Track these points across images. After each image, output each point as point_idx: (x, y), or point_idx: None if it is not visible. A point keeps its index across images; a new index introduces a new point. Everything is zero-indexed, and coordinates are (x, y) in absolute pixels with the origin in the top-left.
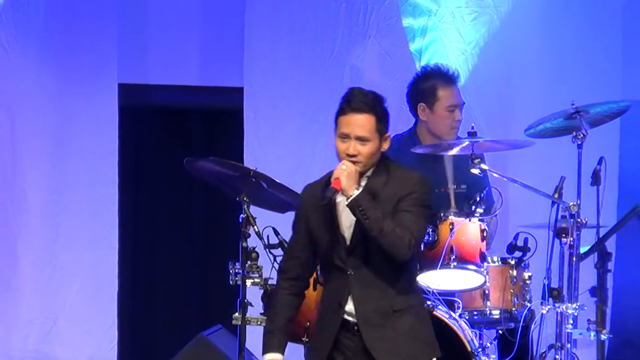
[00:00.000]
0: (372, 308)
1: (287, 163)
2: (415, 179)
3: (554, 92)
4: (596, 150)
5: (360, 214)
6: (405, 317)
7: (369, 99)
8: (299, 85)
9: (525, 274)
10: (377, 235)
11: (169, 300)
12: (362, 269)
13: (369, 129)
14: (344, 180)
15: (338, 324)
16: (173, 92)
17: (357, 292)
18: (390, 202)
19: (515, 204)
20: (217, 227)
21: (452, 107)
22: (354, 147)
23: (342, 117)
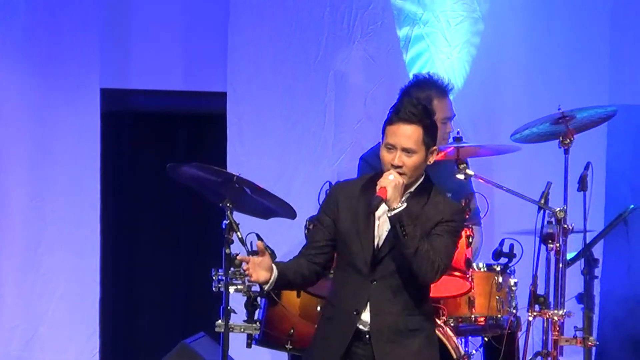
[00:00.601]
0: (388, 323)
1: (270, 169)
2: (456, 208)
3: (540, 97)
4: (583, 155)
5: (400, 229)
6: (417, 338)
7: (418, 110)
8: (283, 90)
9: (511, 280)
10: (411, 254)
11: (152, 307)
12: (387, 280)
13: (416, 141)
14: (391, 191)
15: (352, 331)
16: (156, 97)
17: (376, 303)
18: (427, 225)
19: (501, 210)
20: (200, 234)
21: (445, 120)
22: (400, 158)
23: (389, 126)
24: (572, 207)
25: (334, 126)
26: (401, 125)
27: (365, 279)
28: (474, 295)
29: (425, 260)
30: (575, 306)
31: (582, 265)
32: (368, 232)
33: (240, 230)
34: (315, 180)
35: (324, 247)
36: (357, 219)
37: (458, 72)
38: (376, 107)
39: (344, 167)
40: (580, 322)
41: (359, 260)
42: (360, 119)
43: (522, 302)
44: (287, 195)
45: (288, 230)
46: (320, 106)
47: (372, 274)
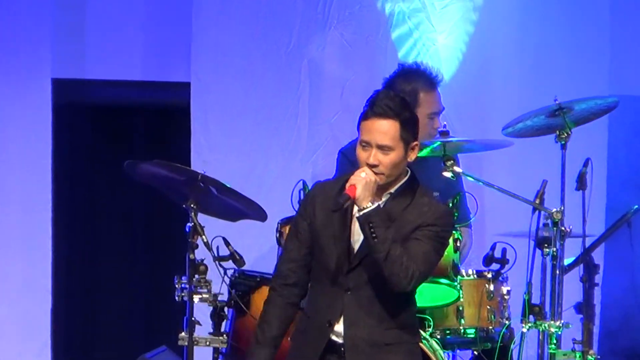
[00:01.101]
0: (363, 335)
1: (239, 166)
2: (441, 211)
3: (535, 87)
4: (582, 151)
5: (369, 230)
6: (396, 354)
7: (394, 103)
8: (252, 80)
9: (504, 288)
10: (381, 258)
11: (108, 318)
12: (362, 290)
13: (392, 137)
14: (360, 189)
15: (324, 343)
16: (113, 88)
17: (351, 314)
18: (406, 228)
19: (492, 211)
20: (162, 237)
21: (432, 115)
22: (375, 156)
23: (364, 122)
24: (570, 207)
25: (309, 119)
26: (375, 120)
27: (339, 288)
28: (462, 304)
29: (398, 266)
30: (573, 316)
31: (581, 272)
32: (343, 237)
33: (205, 234)
34: (288, 179)
35: (303, 258)
36: (333, 222)
37: (445, 60)
38: (354, 98)
39: (320, 164)
40: (579, 334)
41: (335, 268)
42: (337, 111)
43: (516, 312)
44: (257, 195)
45: (258, 233)
46: (293, 97)
47: (346, 282)
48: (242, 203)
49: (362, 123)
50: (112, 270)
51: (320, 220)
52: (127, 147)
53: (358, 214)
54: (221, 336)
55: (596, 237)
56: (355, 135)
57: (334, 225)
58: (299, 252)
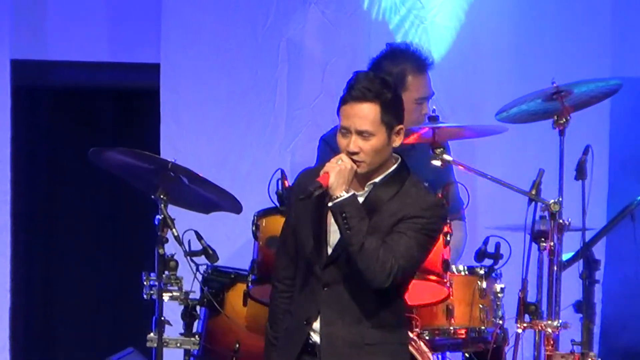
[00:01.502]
0: (341, 334)
1: (212, 154)
2: (429, 202)
3: (532, 69)
4: (581, 137)
5: (342, 221)
6: (378, 355)
7: (373, 85)
8: (226, 61)
9: (497, 285)
10: (355, 252)
11: (72, 318)
12: (340, 285)
13: (372, 121)
14: (333, 177)
15: (301, 343)
16: (76, 70)
17: (328, 312)
18: (390, 220)
19: (485, 203)
20: (129, 231)
21: (421, 100)
22: (355, 142)
23: (342, 107)
24: (568, 198)
25: (287, 103)
26: (354, 104)
27: (317, 284)
28: (452, 303)
29: (374, 260)
30: (572, 316)
31: (580, 268)
32: (321, 229)
33: (176, 227)
34: (265, 168)
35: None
36: (311, 214)
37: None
38: (336, 80)
39: (299, 151)
40: (579, 335)
41: (312, 262)
42: (318, 95)
43: (510, 312)
44: (232, 186)
45: (233, 226)
46: (271, 80)
47: (324, 277)
48: (216, 194)
49: (341, 108)
50: (75, 266)
51: (299, 211)
52: (92, 133)
53: (330, 203)
54: (193, 337)
55: (597, 230)
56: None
57: (312, 216)
58: (289, 244)
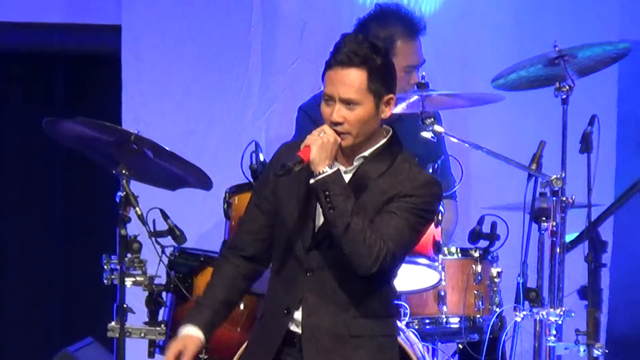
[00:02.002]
0: (325, 325)
1: (178, 124)
2: (423, 180)
3: (532, 31)
4: (586, 106)
5: (325, 200)
6: (365, 348)
7: (361, 49)
8: (194, 22)
9: (494, 269)
10: (339, 234)
11: (21, 307)
12: (324, 271)
13: (358, 88)
14: (315, 151)
15: (282, 334)
16: (28, 32)
17: (311, 300)
18: (380, 199)
19: (480, 178)
20: (87, 209)
21: (410, 68)
22: (339, 112)
23: (327, 72)
24: (572, 173)
25: (261, 68)
26: (339, 69)
27: (300, 270)
28: (444, 289)
29: (360, 242)
30: (576, 303)
31: (585, 250)
32: (308, 208)
33: (139, 205)
34: (237, 140)
35: (261, 231)
36: (297, 192)
37: None
38: (316, 43)
39: (275, 121)
40: (583, 324)
41: (295, 244)
42: (295, 59)
43: (508, 298)
44: (200, 159)
45: (202, 204)
46: (243, 43)
47: (307, 262)
48: (183, 168)
49: (325, 73)
50: (26, 248)
51: (283, 188)
52: (45, 102)
53: (311, 180)
54: (158, 326)
55: (604, 208)
56: (315, 86)
57: (298, 194)
58: (258, 223)
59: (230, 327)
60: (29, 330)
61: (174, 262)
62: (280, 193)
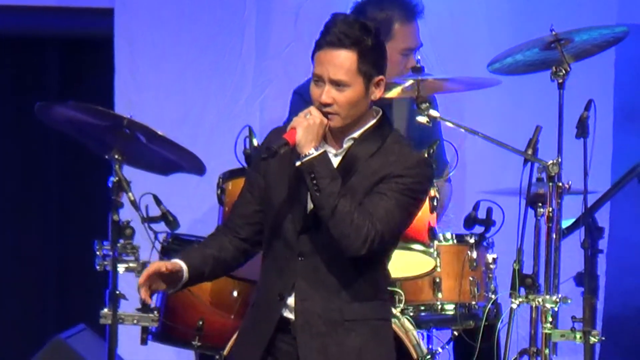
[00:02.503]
0: (318, 310)
1: (171, 109)
2: (413, 160)
3: (528, 14)
4: (583, 91)
5: (311, 182)
6: (358, 332)
7: (352, 30)
8: (187, 5)
9: (489, 256)
10: (327, 216)
11: (13, 293)
12: (317, 256)
13: (347, 69)
14: (301, 133)
15: (275, 320)
16: (19, 15)
17: (303, 285)
18: (370, 180)
19: (475, 163)
20: (79, 195)
21: (407, 51)
22: (328, 93)
23: (317, 53)
24: (568, 159)
25: (255, 51)
26: (329, 50)
27: (291, 254)
28: (440, 275)
29: (348, 224)
30: (573, 290)
31: (581, 236)
32: (299, 192)
33: (132, 191)
34: (231, 124)
35: (253, 215)
36: (288, 175)
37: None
38: (310, 26)
39: (269, 106)
40: (580, 311)
41: (287, 229)
42: (289, 42)
43: (504, 285)
44: (194, 144)
45: (195, 190)
46: (237, 26)
47: (299, 246)
48: (176, 153)
49: (315, 54)
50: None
51: (273, 172)
52: (37, 86)
53: (297, 162)
54: (151, 313)
55: (600, 194)
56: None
57: (288, 178)
58: (250, 208)
59: (224, 314)
60: (21, 317)
61: (167, 248)
62: (270, 177)
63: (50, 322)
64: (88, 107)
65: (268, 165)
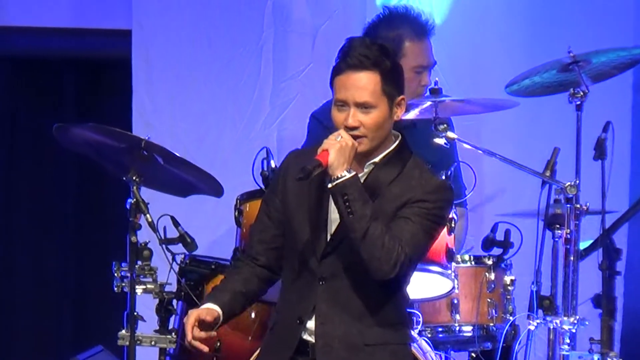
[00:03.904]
0: (338, 334)
1: (189, 131)
2: (435, 185)
3: (545, 37)
4: (601, 113)
5: (344, 204)
6: (378, 357)
7: (371, 52)
8: (205, 27)
9: (507, 277)
10: (358, 239)
11: (32, 313)
12: (337, 280)
13: (372, 91)
14: (333, 155)
15: (294, 344)
16: (37, 36)
17: (324, 309)
18: (392, 205)
19: (493, 185)
20: (97, 216)
21: (420, 69)
22: (354, 116)
23: (337, 77)
24: (586, 180)
25: (273, 74)
26: (351, 74)
27: (312, 278)
28: (457, 297)
29: (379, 247)
30: (591, 311)
31: (599, 258)
32: (320, 215)
33: (150, 212)
34: (249, 145)
35: (273, 240)
36: (308, 198)
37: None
38: (328, 48)
39: (287, 128)
40: (598, 332)
41: (308, 252)
42: (307, 64)
43: (521, 306)
44: (211, 166)
45: (212, 211)
46: (255, 48)
47: (320, 270)
48: (194, 175)
49: (335, 79)
50: (36, 255)
51: (292, 195)
52: (55, 107)
53: (330, 185)
54: (169, 334)
55: (618, 215)
56: (327, 93)
57: (309, 201)
58: (269, 233)
59: (242, 336)
60: (39, 338)
61: (184, 270)
62: (290, 201)
63: (68, 343)
64: (106, 128)
65: (286, 188)
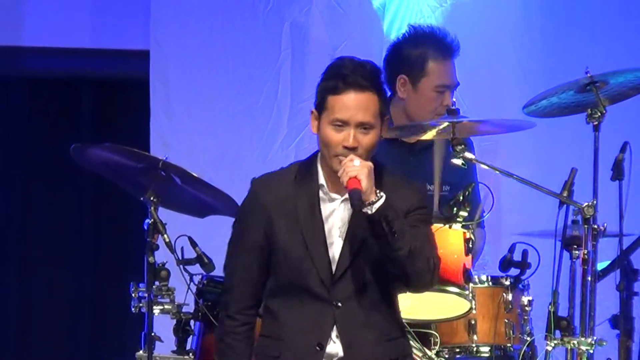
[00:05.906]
0: (366, 354)
1: (207, 151)
2: (419, 190)
3: (563, 57)
4: (618, 133)
5: (387, 226)
6: None
7: (367, 72)
8: (223, 47)
9: (525, 298)
10: (404, 255)
11: (49, 335)
12: (353, 301)
13: (374, 113)
14: (365, 181)
15: None
16: (56, 57)
17: (347, 331)
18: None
19: (511, 206)
20: (115, 237)
21: (442, 88)
22: (355, 136)
23: (334, 96)
24: (604, 201)
25: (290, 95)
26: (353, 94)
27: (325, 304)
28: (475, 317)
29: (423, 259)
30: (608, 332)
31: (617, 279)
32: (317, 239)
33: (167, 233)
34: (266, 166)
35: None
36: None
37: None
38: None
39: (304, 149)
40: (615, 354)
41: (312, 280)
42: None
43: (539, 327)
44: (229, 186)
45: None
46: (272, 69)
47: (334, 295)
48: (211, 195)
49: (331, 98)
50: (53, 276)
51: (280, 228)
52: (73, 127)
53: (370, 210)
54: (186, 355)
55: (636, 236)
56: None
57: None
58: (257, 268)
59: None
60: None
61: (202, 290)
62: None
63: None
64: (123, 149)
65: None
